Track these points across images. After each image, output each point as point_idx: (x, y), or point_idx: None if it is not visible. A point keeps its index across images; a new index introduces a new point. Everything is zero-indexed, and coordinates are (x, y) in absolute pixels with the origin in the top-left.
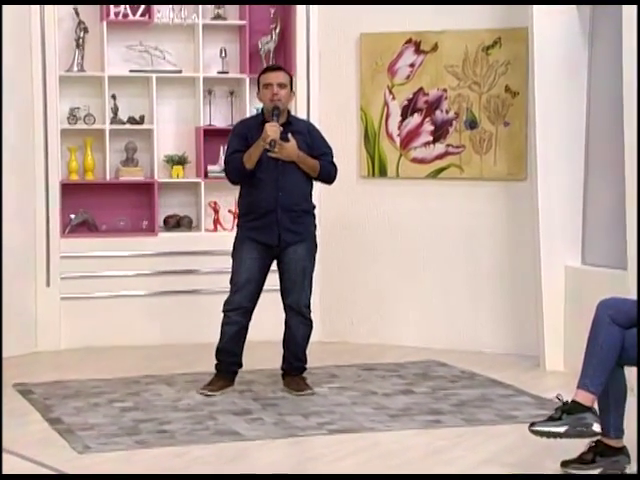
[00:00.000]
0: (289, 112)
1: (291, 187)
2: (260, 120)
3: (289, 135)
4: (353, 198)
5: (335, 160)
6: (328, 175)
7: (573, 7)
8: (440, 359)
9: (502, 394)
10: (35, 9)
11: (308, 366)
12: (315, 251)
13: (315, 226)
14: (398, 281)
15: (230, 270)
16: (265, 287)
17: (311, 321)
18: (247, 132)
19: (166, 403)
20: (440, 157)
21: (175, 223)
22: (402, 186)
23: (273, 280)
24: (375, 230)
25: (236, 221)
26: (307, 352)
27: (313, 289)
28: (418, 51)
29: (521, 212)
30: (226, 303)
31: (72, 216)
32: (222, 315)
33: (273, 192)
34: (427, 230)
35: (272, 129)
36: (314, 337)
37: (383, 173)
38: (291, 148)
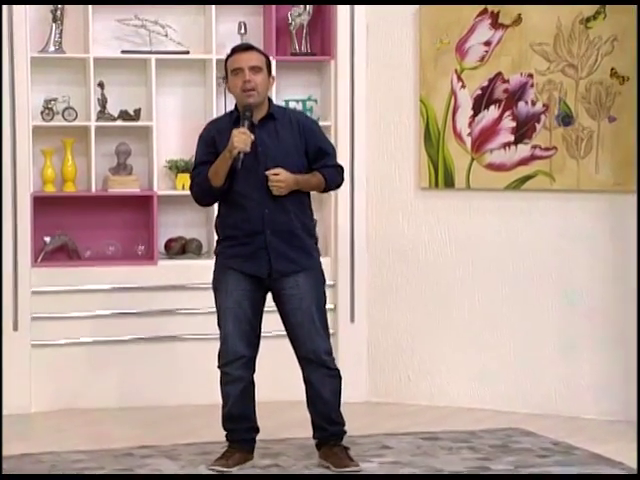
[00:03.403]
0: (270, 101)
1: (280, 201)
2: (234, 118)
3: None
4: (410, 216)
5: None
6: (336, 186)
7: None
8: (525, 427)
9: (608, 473)
10: None
11: (352, 434)
12: (323, 281)
13: (318, 250)
14: (469, 323)
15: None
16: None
17: (337, 370)
18: (215, 136)
19: None
20: (524, 162)
21: (180, 248)
22: (474, 200)
23: None
24: (438, 257)
25: (214, 248)
26: (342, 411)
27: (359, 334)
28: (496, 25)
29: (630, 233)
30: (219, 357)
31: (47, 239)
32: (219, 373)
33: (258, 209)
34: (507, 257)
35: (240, 137)
36: (359, 397)
37: (449, 184)
38: (287, 179)
